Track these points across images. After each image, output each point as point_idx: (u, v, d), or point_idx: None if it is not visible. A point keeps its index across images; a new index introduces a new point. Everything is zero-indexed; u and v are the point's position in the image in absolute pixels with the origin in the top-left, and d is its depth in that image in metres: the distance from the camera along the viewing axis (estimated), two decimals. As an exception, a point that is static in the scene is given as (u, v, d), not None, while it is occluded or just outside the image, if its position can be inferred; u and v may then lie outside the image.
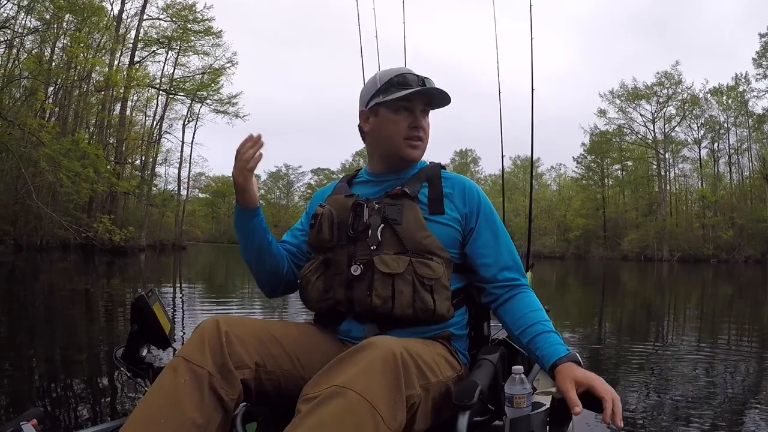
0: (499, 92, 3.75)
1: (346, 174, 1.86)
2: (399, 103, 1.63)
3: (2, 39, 23.95)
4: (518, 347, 1.59)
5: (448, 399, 1.37)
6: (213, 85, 40.46)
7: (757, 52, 42.55)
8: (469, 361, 1.61)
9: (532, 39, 3.37)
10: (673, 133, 51.04)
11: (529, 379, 1.34)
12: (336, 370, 1.13)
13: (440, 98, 1.66)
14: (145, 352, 1.58)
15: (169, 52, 38.39)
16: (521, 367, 1.32)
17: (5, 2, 22.51)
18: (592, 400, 1.30)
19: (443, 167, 1.73)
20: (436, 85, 1.66)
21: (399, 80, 1.64)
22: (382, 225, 1.54)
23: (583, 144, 56.34)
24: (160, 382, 1.22)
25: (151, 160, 40.03)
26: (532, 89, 3.31)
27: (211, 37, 38.87)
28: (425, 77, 1.66)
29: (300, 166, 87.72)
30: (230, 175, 1.59)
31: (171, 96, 39.71)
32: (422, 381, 1.25)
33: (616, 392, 1.28)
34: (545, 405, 1.30)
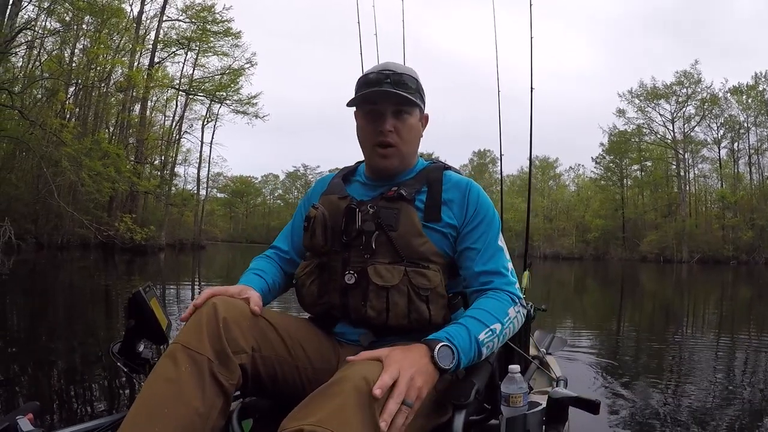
0: (498, 92, 3.84)
1: (345, 167, 1.77)
2: (365, 107, 1.54)
3: (23, 40, 24.21)
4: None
5: (440, 407, 1.32)
6: (232, 85, 40.65)
7: (779, 51, 41.94)
8: None
9: (531, 38, 3.45)
10: (692, 133, 50.45)
11: (525, 378, 1.35)
12: (311, 407, 1.08)
13: (402, 98, 1.51)
14: (141, 347, 1.58)
15: (189, 52, 38.66)
16: (518, 366, 1.32)
17: (26, 4, 22.81)
18: (584, 402, 1.30)
19: (447, 168, 1.65)
20: (404, 81, 1.52)
21: (364, 81, 1.53)
22: (377, 232, 1.48)
23: (602, 144, 55.88)
24: (160, 370, 1.21)
25: (170, 159, 40.34)
26: (531, 88, 3.37)
27: (230, 38, 39.07)
28: (402, 73, 1.53)
29: (318, 166, 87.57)
30: (248, 174, 1.53)
31: (191, 96, 39.96)
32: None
33: (410, 383, 1.14)
34: (541, 404, 1.30)
